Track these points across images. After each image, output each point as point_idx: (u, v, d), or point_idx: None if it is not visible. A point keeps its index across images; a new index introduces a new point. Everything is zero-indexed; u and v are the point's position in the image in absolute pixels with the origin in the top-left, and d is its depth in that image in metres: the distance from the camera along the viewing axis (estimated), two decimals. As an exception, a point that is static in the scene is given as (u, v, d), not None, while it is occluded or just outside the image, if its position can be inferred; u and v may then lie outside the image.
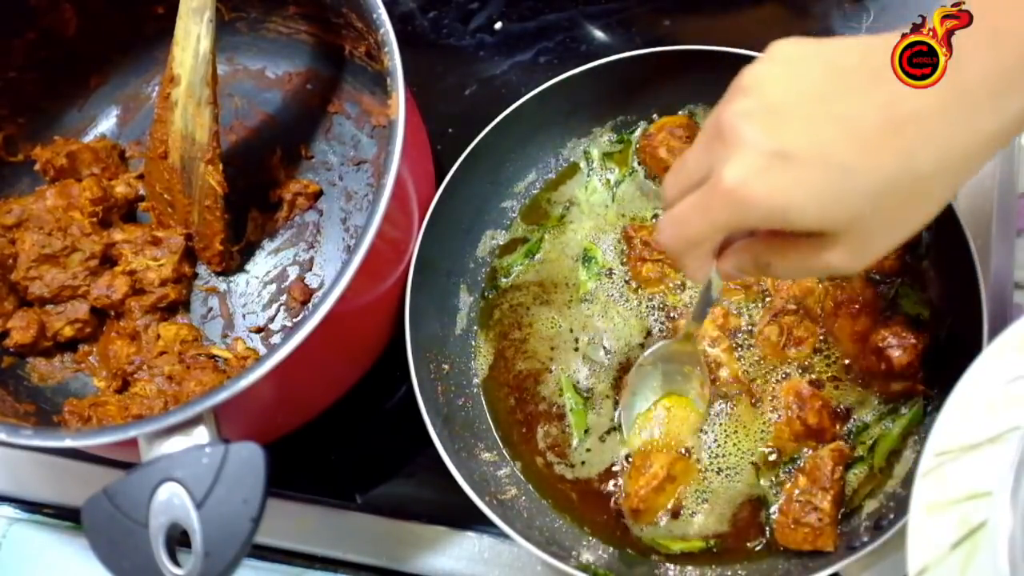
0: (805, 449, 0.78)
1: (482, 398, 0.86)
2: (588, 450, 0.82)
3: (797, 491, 0.74)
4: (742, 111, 0.53)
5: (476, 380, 0.87)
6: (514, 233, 0.91)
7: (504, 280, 0.89)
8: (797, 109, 0.52)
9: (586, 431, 0.82)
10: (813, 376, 0.80)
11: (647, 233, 0.85)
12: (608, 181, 0.91)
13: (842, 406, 0.78)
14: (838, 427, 0.78)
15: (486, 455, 0.83)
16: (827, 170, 0.51)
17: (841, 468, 0.75)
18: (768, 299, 0.82)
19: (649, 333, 0.84)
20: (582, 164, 0.92)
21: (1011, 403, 0.59)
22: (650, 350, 0.79)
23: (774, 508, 0.77)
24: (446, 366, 0.85)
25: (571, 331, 0.86)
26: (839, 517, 0.75)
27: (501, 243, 0.91)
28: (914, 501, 0.59)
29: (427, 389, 0.80)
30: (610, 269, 0.87)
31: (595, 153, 0.91)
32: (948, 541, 0.57)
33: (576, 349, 0.85)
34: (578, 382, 0.84)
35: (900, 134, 0.51)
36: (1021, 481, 0.56)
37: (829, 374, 0.79)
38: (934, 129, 0.51)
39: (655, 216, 0.88)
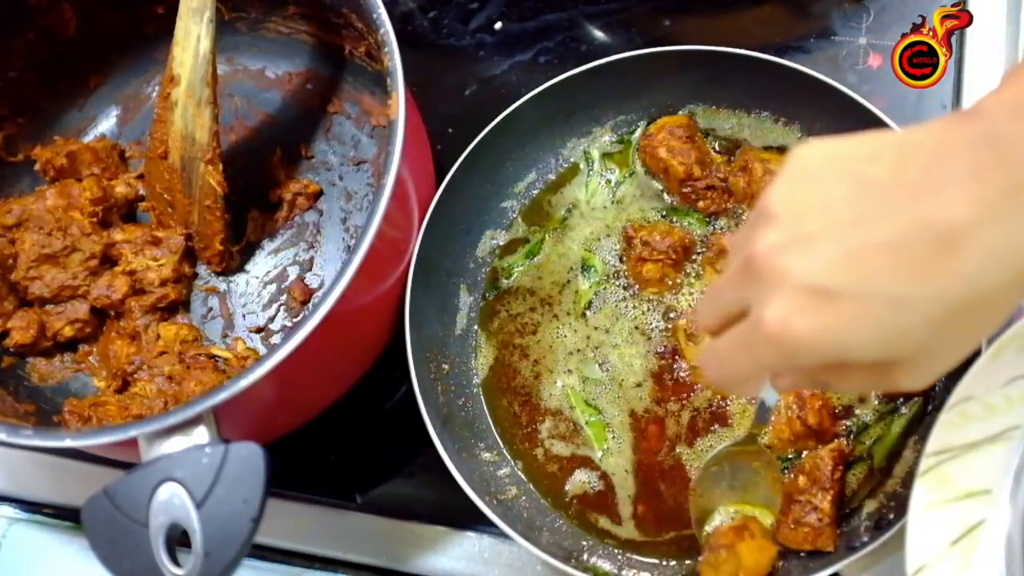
0: (805, 450, 0.78)
1: (482, 398, 0.86)
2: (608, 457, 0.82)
3: (797, 491, 0.74)
4: (774, 245, 0.48)
5: (476, 380, 0.87)
6: (514, 234, 0.91)
7: (505, 281, 0.89)
8: (834, 238, 0.47)
9: (606, 449, 0.82)
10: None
11: (647, 233, 0.85)
12: (609, 181, 0.90)
13: (841, 406, 0.78)
14: (838, 427, 0.78)
15: (486, 455, 0.83)
16: (883, 305, 0.46)
17: (841, 468, 0.75)
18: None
19: (650, 338, 0.84)
20: (582, 164, 0.91)
21: (1010, 403, 0.59)
22: (713, 453, 0.78)
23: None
24: (446, 366, 0.85)
25: (573, 333, 0.86)
26: (839, 517, 0.75)
27: (501, 244, 0.91)
28: (913, 499, 0.59)
29: (427, 389, 0.80)
30: (616, 272, 0.87)
31: (595, 153, 0.91)
32: (947, 539, 0.57)
33: (578, 351, 0.85)
34: (594, 398, 0.83)
35: (956, 252, 0.45)
36: (1021, 480, 0.56)
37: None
38: (992, 238, 0.45)
39: (657, 214, 0.88)
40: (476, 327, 0.88)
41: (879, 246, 0.46)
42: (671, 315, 0.84)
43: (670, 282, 0.85)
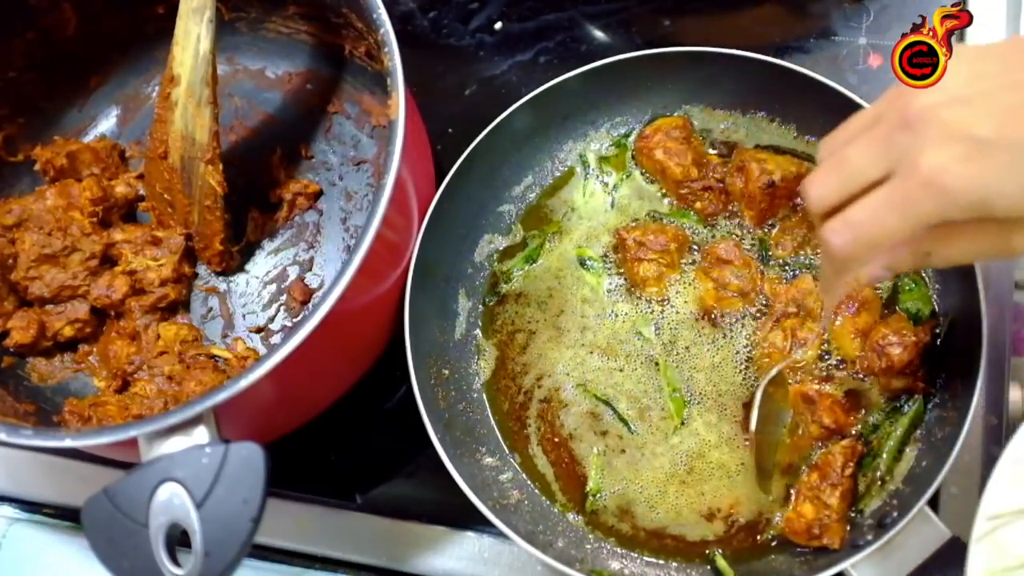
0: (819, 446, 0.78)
1: (484, 402, 0.86)
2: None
3: (807, 487, 0.75)
4: (932, 103, 0.53)
5: (477, 384, 0.86)
6: (513, 238, 0.90)
7: (504, 285, 0.89)
8: (987, 99, 0.52)
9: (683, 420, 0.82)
10: (813, 377, 0.79)
11: (639, 233, 0.85)
12: (606, 184, 0.90)
13: (844, 395, 0.78)
14: (853, 417, 0.77)
15: (488, 459, 0.83)
16: None
17: (852, 465, 0.74)
18: (768, 305, 0.82)
19: (653, 337, 0.84)
20: (578, 168, 0.91)
21: None
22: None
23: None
24: (446, 371, 0.85)
25: (576, 335, 0.86)
26: (848, 514, 0.75)
27: (500, 248, 0.90)
28: (970, 567, 0.58)
29: (428, 395, 0.80)
30: (614, 275, 0.87)
31: (591, 157, 0.91)
32: None
33: (582, 354, 0.85)
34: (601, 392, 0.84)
35: None
36: None
37: (829, 374, 0.79)
38: None
39: (653, 217, 0.88)
40: (476, 332, 0.88)
41: None
42: (671, 314, 0.84)
43: (668, 280, 0.85)
